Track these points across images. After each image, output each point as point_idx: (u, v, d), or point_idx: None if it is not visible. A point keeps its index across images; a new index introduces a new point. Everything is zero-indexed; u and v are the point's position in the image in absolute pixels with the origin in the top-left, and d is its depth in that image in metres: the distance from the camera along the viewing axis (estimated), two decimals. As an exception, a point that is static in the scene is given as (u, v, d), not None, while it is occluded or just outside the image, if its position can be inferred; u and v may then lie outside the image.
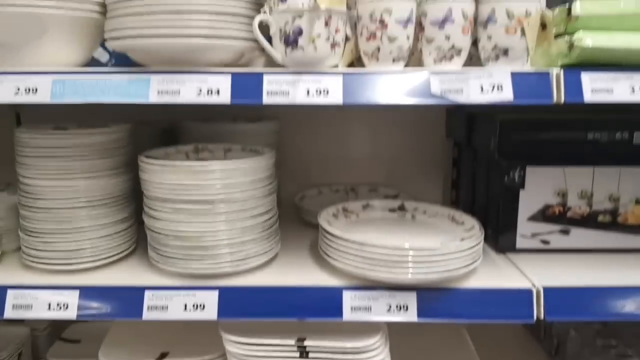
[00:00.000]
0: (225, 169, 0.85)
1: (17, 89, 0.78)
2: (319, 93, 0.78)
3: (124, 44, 0.80)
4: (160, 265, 0.90)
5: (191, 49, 0.78)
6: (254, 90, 0.79)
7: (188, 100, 0.78)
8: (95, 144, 0.90)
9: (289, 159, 1.28)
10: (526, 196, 0.98)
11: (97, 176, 0.90)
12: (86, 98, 0.78)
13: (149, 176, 0.87)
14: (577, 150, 0.98)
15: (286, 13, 0.76)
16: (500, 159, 0.98)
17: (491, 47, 0.81)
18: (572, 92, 0.78)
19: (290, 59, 0.79)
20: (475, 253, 0.87)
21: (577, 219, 1.00)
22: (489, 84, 0.78)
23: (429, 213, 1.04)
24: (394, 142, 1.34)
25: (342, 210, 1.04)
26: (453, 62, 0.82)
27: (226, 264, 0.88)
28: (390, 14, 0.78)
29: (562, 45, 0.81)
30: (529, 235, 1.00)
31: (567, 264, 0.96)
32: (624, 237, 1.00)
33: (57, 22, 0.80)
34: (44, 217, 0.89)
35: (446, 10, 0.79)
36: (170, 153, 0.99)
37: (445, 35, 0.80)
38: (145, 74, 0.79)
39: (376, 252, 0.83)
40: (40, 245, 0.90)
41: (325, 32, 0.77)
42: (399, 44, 0.80)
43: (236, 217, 0.87)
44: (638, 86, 0.78)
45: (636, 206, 0.99)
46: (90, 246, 0.91)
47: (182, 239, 0.86)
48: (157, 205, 0.87)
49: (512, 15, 0.78)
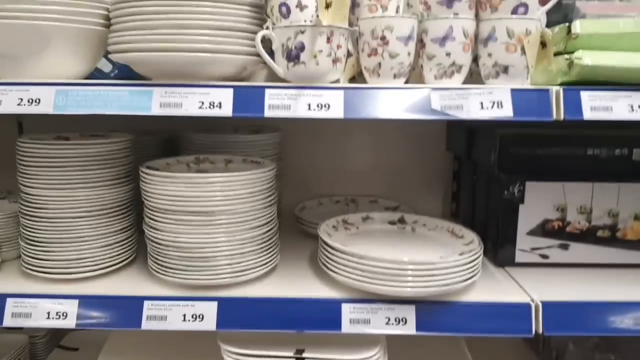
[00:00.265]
0: (226, 180, 0.85)
1: (20, 100, 0.79)
2: (320, 107, 0.79)
3: (127, 57, 0.80)
4: (160, 275, 0.90)
5: (194, 62, 0.79)
6: (255, 104, 0.79)
7: (190, 113, 0.79)
8: (96, 155, 0.90)
9: (289, 169, 1.29)
10: (526, 211, 0.99)
11: (98, 186, 0.91)
12: (89, 109, 0.79)
13: (149, 187, 0.88)
14: (576, 166, 0.98)
15: (289, 29, 0.77)
16: (500, 174, 0.99)
17: (491, 65, 0.81)
18: (571, 109, 0.78)
19: (292, 74, 0.80)
20: (474, 267, 0.87)
21: (577, 234, 1.00)
22: (489, 101, 0.78)
23: (429, 226, 1.05)
24: (394, 154, 1.34)
25: (342, 222, 1.04)
26: (453, 78, 0.82)
27: (225, 275, 0.88)
28: (391, 31, 0.78)
29: (562, 63, 0.82)
30: (528, 249, 1.00)
31: (566, 278, 0.96)
32: (623, 252, 1.00)
33: (61, 34, 0.80)
34: (45, 226, 0.90)
35: (447, 27, 0.79)
36: (172, 164, 0.99)
37: (446, 52, 0.80)
38: (147, 86, 0.79)
39: (376, 265, 0.83)
40: (40, 254, 0.91)
41: (327, 48, 0.78)
42: (400, 60, 0.80)
43: (236, 229, 0.87)
44: (637, 104, 0.79)
45: (635, 222, 1.00)
46: (90, 255, 0.91)
47: (182, 249, 0.87)
48: (158, 216, 0.88)
49: (512, 33, 0.78)
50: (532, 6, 0.80)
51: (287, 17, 0.79)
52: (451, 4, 0.80)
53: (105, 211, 0.92)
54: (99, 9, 0.83)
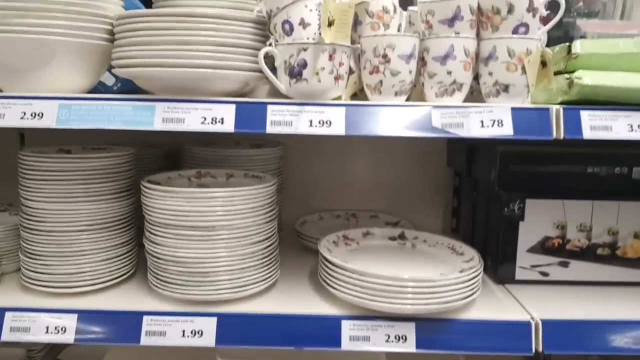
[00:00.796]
0: (227, 196, 0.86)
1: (23, 114, 0.79)
2: (321, 124, 0.79)
3: (131, 72, 0.81)
4: (160, 290, 0.90)
5: (197, 78, 0.79)
6: (257, 120, 0.79)
7: (192, 128, 0.79)
8: (98, 168, 0.90)
9: (291, 183, 1.29)
10: (526, 228, 0.99)
11: (99, 200, 0.91)
12: (91, 124, 0.79)
13: (150, 201, 0.88)
14: (576, 184, 0.99)
15: (291, 46, 0.78)
16: (500, 191, 0.99)
17: (492, 83, 0.82)
18: (571, 129, 0.79)
19: (294, 90, 0.81)
20: (474, 285, 0.87)
21: (576, 252, 1.00)
22: (489, 119, 0.79)
23: (429, 242, 1.05)
24: (395, 169, 1.34)
25: (342, 237, 1.04)
26: (454, 96, 0.83)
27: (225, 291, 0.88)
28: (393, 49, 0.79)
29: (562, 83, 0.83)
30: (528, 267, 1.00)
31: (566, 296, 0.96)
32: (622, 270, 1.00)
33: (65, 49, 0.81)
34: (45, 239, 0.89)
35: (448, 46, 0.80)
36: (173, 178, 0.99)
37: (447, 70, 0.81)
38: (150, 101, 0.79)
39: (376, 282, 0.83)
40: (40, 268, 0.90)
41: (329, 65, 0.78)
42: (402, 78, 0.81)
43: (236, 244, 0.87)
44: (636, 124, 0.79)
45: (635, 240, 1.00)
46: (90, 269, 0.91)
47: (182, 264, 0.87)
48: (158, 230, 0.88)
49: (513, 53, 0.79)
50: (532, 26, 0.81)
51: (290, 34, 0.79)
52: (452, 23, 0.81)
53: (105, 225, 0.92)
54: (104, 24, 0.84)
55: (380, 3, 0.86)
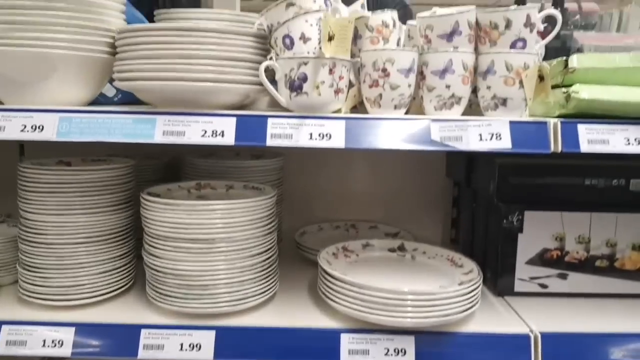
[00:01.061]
0: (226, 208, 0.86)
1: (24, 126, 0.79)
2: (321, 137, 0.80)
3: (132, 85, 0.81)
4: (158, 303, 0.89)
5: (198, 91, 0.80)
6: (258, 133, 0.80)
7: (193, 141, 0.79)
8: (97, 180, 0.90)
9: (290, 194, 1.29)
10: (524, 240, 0.99)
11: (98, 212, 0.91)
12: (92, 137, 0.79)
13: (150, 214, 0.88)
14: (574, 196, 0.99)
15: (292, 60, 0.78)
16: (499, 203, 0.99)
17: (490, 97, 0.83)
18: (569, 142, 0.80)
19: (295, 103, 0.81)
20: (473, 297, 0.87)
21: (575, 264, 1.00)
22: (487, 133, 0.79)
23: (429, 254, 1.05)
24: (394, 179, 1.35)
25: (342, 249, 1.04)
26: (453, 110, 0.84)
27: (224, 304, 0.87)
28: (392, 64, 0.80)
29: (560, 96, 0.83)
30: (527, 278, 1.00)
31: (565, 308, 0.96)
32: (621, 282, 1.01)
33: (67, 62, 0.81)
34: (44, 252, 0.89)
35: (447, 60, 0.81)
36: (173, 189, 0.99)
37: (445, 84, 0.82)
38: (151, 114, 0.80)
39: (375, 295, 0.83)
40: (38, 280, 0.90)
41: (329, 79, 0.79)
42: (401, 91, 0.81)
43: (236, 256, 0.87)
44: (633, 138, 0.80)
45: (633, 252, 1.00)
46: (88, 282, 0.91)
47: (181, 277, 0.86)
48: (157, 243, 0.88)
49: (510, 67, 0.80)
50: (530, 41, 0.82)
51: (290, 48, 0.80)
52: (451, 38, 0.82)
53: (104, 237, 0.92)
54: (106, 37, 0.84)
55: (380, 17, 0.87)
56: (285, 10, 0.80)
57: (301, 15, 0.78)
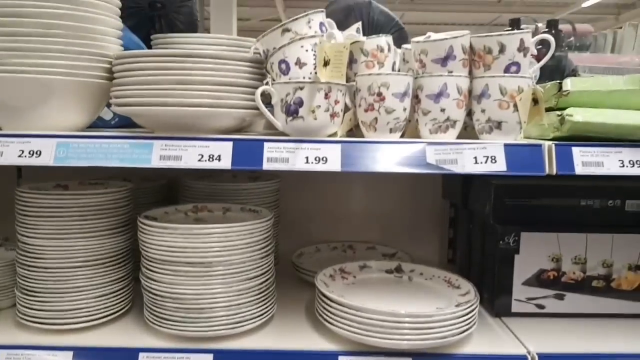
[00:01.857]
0: (223, 232, 0.86)
1: (21, 152, 0.80)
2: (317, 160, 0.80)
3: (129, 111, 0.82)
4: (156, 326, 0.89)
5: (195, 116, 0.80)
6: (254, 157, 0.80)
7: (190, 165, 0.80)
8: (95, 204, 0.90)
9: (288, 215, 1.29)
10: (521, 261, 0.99)
11: (96, 236, 0.91)
12: (89, 162, 0.79)
13: (148, 237, 0.88)
14: (570, 217, 1.00)
15: (288, 85, 0.79)
16: (495, 224, 1.00)
17: (485, 120, 0.83)
18: (563, 165, 0.80)
19: (291, 128, 0.82)
20: (470, 319, 0.87)
21: (572, 284, 1.00)
22: (482, 156, 0.80)
23: (426, 275, 1.05)
24: (391, 200, 1.35)
25: (339, 271, 1.04)
26: (448, 133, 0.84)
27: (222, 327, 0.87)
28: (387, 88, 0.81)
29: (554, 119, 0.84)
30: (524, 299, 1.00)
31: (562, 329, 0.96)
32: (618, 302, 1.01)
33: (65, 87, 0.82)
34: (42, 276, 0.89)
35: (441, 85, 0.82)
36: (170, 212, 1.00)
37: (440, 108, 0.82)
38: (148, 139, 0.80)
39: (373, 318, 0.83)
40: (36, 304, 0.90)
41: (325, 103, 0.80)
42: (396, 115, 0.82)
43: (233, 279, 0.87)
44: (627, 160, 0.81)
45: (629, 272, 1.00)
46: (85, 306, 0.91)
47: (178, 300, 0.86)
48: (155, 267, 0.88)
49: (504, 91, 0.81)
50: (523, 65, 0.83)
51: (286, 73, 0.81)
52: (445, 62, 0.83)
53: (102, 261, 0.92)
54: (103, 63, 0.85)
55: (375, 42, 0.88)
56: (281, 35, 0.81)
57: (297, 40, 0.79)
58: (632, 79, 0.84)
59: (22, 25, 0.78)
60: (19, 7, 0.78)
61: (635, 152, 0.81)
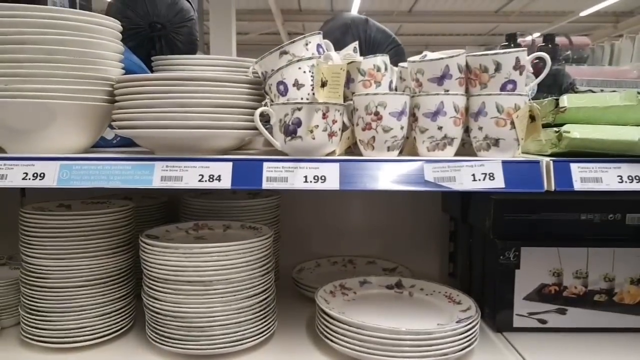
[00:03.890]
0: (223, 250, 0.87)
1: (25, 174, 0.81)
2: (316, 179, 0.81)
3: (131, 133, 0.83)
4: (157, 344, 0.90)
5: (195, 138, 0.81)
6: (254, 176, 0.81)
7: (190, 185, 0.81)
8: (98, 224, 0.91)
9: (288, 230, 1.30)
10: (522, 275, 0.99)
11: (99, 255, 0.92)
12: (91, 183, 0.80)
13: (149, 257, 0.89)
14: (571, 231, 1.00)
15: (286, 105, 0.80)
16: (495, 239, 1.00)
17: (482, 137, 0.84)
18: (562, 181, 0.80)
19: (289, 147, 0.82)
20: (471, 336, 0.87)
21: (574, 299, 1.00)
22: (480, 173, 0.80)
23: (426, 291, 1.05)
24: (391, 215, 1.35)
25: (339, 287, 1.04)
26: (446, 150, 0.85)
27: (222, 345, 0.88)
28: (384, 107, 0.81)
29: (551, 135, 0.85)
30: (525, 314, 1.00)
31: (565, 344, 0.96)
32: (620, 316, 1.00)
33: (67, 111, 0.83)
34: (46, 295, 0.90)
35: (438, 103, 0.82)
36: (171, 231, 1.01)
37: (437, 126, 0.83)
38: (149, 160, 0.81)
39: (373, 335, 0.83)
40: (39, 323, 0.91)
41: (322, 123, 0.80)
42: (393, 134, 0.83)
43: (232, 298, 0.88)
44: (626, 175, 0.81)
45: (631, 286, 1.00)
46: (88, 325, 0.92)
47: (179, 319, 0.87)
48: (157, 285, 0.88)
49: (501, 108, 0.81)
50: (519, 82, 0.83)
51: (284, 94, 0.82)
52: (442, 81, 0.84)
53: (104, 279, 0.93)
54: (104, 86, 0.86)
55: (372, 62, 0.89)
56: (279, 58, 0.82)
57: (294, 62, 0.80)
58: (628, 94, 0.84)
59: (24, 51, 0.80)
60: (21, 34, 0.79)
61: (634, 167, 0.81)
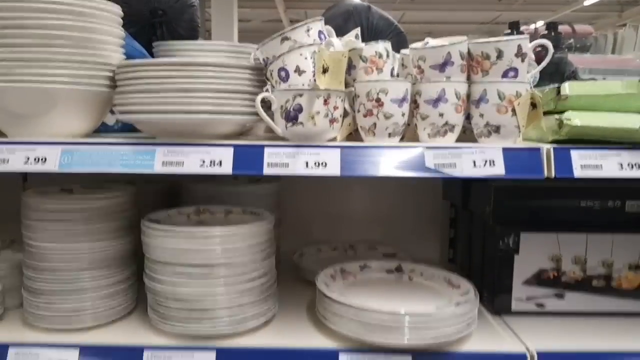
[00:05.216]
0: (225, 234, 0.87)
1: (27, 159, 0.81)
2: (317, 165, 0.81)
3: (132, 118, 0.83)
4: (160, 325, 0.91)
5: (197, 124, 0.82)
6: (255, 162, 0.82)
7: (191, 171, 0.81)
8: (100, 208, 0.92)
9: (288, 216, 1.30)
10: (521, 261, 1.00)
11: (101, 238, 0.92)
12: (93, 168, 0.81)
13: (151, 240, 0.89)
14: (570, 217, 1.00)
15: (288, 92, 0.80)
16: (495, 225, 1.00)
17: (483, 124, 0.84)
18: (562, 168, 0.81)
19: (291, 133, 0.83)
20: (470, 318, 0.88)
21: (572, 284, 1.01)
22: (481, 159, 0.81)
23: (426, 275, 1.06)
24: (392, 201, 1.36)
25: (339, 271, 1.05)
26: (447, 137, 0.85)
27: (224, 326, 0.89)
28: (386, 94, 0.81)
29: (553, 123, 0.85)
30: (524, 298, 1.01)
31: (562, 327, 0.97)
32: (618, 301, 1.01)
33: (68, 96, 0.83)
34: (48, 277, 0.91)
35: (439, 90, 0.82)
36: (172, 215, 1.01)
37: (439, 112, 0.83)
38: (150, 145, 0.82)
39: (373, 317, 0.84)
40: (42, 305, 0.92)
41: (324, 109, 0.80)
42: (395, 120, 0.83)
43: (235, 281, 0.89)
44: (626, 163, 0.81)
45: (629, 272, 1.01)
46: (91, 306, 0.93)
47: (181, 301, 0.88)
48: (158, 269, 0.89)
49: (503, 96, 0.81)
50: (521, 70, 0.83)
51: (286, 80, 0.82)
52: (443, 68, 0.83)
53: (107, 262, 0.94)
54: (105, 72, 0.86)
55: (374, 48, 0.88)
56: (280, 44, 0.82)
57: (296, 49, 0.80)
58: (630, 83, 0.84)
59: (25, 36, 0.80)
60: (22, 19, 0.79)
61: (634, 155, 0.82)
